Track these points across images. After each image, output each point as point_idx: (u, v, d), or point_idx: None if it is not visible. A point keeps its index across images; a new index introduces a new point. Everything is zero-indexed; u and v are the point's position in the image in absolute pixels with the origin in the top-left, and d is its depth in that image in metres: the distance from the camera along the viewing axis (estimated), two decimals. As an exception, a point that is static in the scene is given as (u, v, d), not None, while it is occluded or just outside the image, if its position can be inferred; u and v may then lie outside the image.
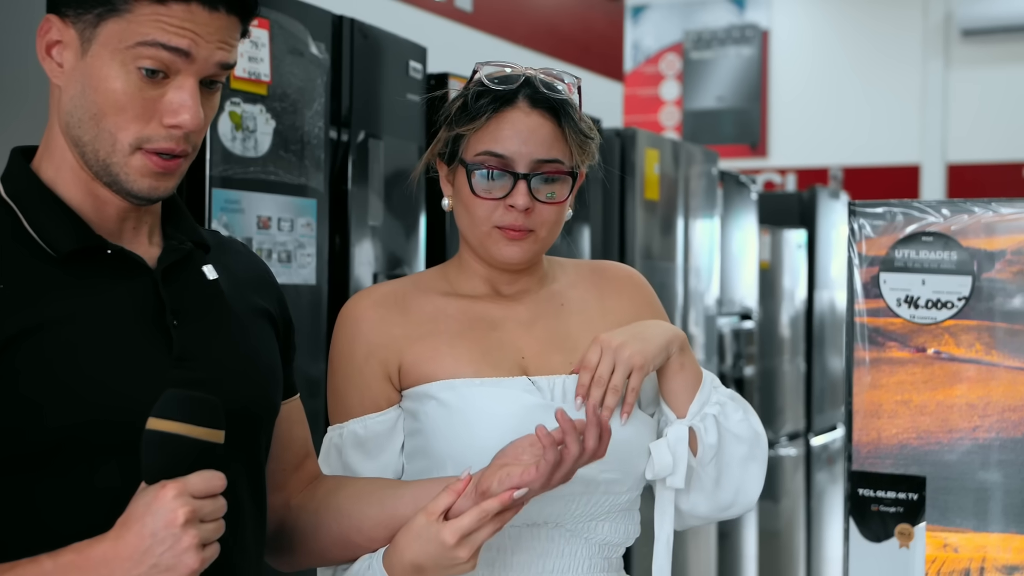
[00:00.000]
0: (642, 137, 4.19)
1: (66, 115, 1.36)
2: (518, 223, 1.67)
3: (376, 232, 2.88)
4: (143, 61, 1.32)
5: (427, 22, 4.28)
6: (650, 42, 11.01)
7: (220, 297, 1.47)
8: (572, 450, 1.45)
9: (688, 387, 1.71)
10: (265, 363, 1.52)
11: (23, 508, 1.29)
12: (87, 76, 1.33)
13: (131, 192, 1.37)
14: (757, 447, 1.74)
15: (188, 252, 1.45)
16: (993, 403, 1.54)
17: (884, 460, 1.58)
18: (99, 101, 1.33)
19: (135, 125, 1.34)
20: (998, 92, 9.58)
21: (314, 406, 2.66)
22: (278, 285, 1.64)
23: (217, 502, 1.24)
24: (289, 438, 1.63)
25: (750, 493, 1.75)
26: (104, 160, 1.35)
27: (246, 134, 2.49)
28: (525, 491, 1.45)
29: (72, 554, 1.23)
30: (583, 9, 5.55)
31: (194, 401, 1.24)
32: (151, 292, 1.39)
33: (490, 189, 1.67)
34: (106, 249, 1.37)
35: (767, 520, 5.48)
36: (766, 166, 10.17)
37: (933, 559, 1.56)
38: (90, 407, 1.29)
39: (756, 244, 5.40)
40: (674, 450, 1.68)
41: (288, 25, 2.60)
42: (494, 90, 1.68)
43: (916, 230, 1.58)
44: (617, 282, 1.83)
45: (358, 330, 1.72)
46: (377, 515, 1.57)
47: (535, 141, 1.66)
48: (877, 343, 1.59)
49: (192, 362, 1.38)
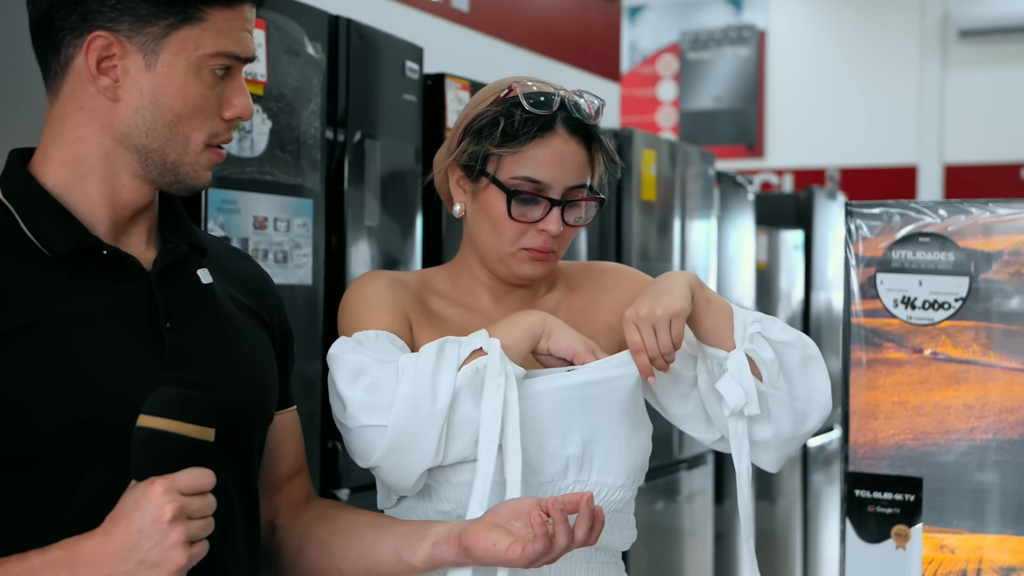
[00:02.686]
0: (639, 138, 4.19)
1: (126, 126, 1.38)
2: (547, 246, 1.71)
3: (372, 232, 2.88)
4: (216, 62, 1.38)
5: (424, 22, 4.28)
6: (647, 43, 11.01)
7: (214, 301, 1.47)
8: (560, 542, 1.45)
9: (723, 318, 1.71)
10: (259, 368, 1.52)
11: (12, 506, 1.29)
12: (159, 86, 1.36)
13: (193, 187, 1.43)
14: (808, 347, 1.75)
15: (184, 255, 1.46)
16: (990, 404, 1.54)
17: (881, 461, 1.58)
18: (176, 108, 1.37)
19: (208, 123, 1.39)
20: (995, 93, 9.59)
21: (311, 406, 2.66)
22: (278, 295, 1.64)
23: (206, 499, 1.24)
24: (281, 452, 1.62)
25: (822, 393, 1.75)
26: (174, 162, 1.40)
27: (242, 134, 2.48)
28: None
29: (61, 550, 1.23)
30: (580, 10, 5.55)
31: (184, 398, 1.24)
32: (145, 294, 1.40)
33: (524, 213, 1.69)
34: (102, 250, 1.38)
35: (763, 521, 5.48)
36: (763, 167, 10.17)
37: (930, 560, 1.56)
38: (80, 407, 1.30)
39: (753, 245, 5.40)
40: (741, 380, 1.69)
41: (284, 25, 2.60)
42: (535, 114, 1.69)
43: (913, 231, 1.58)
44: (607, 277, 1.85)
45: (380, 285, 1.73)
46: (356, 557, 1.57)
47: (571, 168, 1.70)
48: (874, 344, 1.59)
49: (184, 364, 1.38)
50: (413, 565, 1.54)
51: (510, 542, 1.45)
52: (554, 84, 1.74)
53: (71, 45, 1.37)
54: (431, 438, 1.56)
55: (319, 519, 1.62)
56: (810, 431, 1.77)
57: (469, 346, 1.60)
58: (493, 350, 1.59)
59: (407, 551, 1.53)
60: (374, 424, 1.57)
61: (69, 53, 1.37)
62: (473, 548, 1.47)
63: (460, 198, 1.75)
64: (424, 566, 1.54)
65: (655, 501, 4.20)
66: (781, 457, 1.78)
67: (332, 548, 1.58)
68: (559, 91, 1.72)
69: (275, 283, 1.67)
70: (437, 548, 1.51)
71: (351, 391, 1.58)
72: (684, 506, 4.44)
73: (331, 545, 1.58)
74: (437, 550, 1.51)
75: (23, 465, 1.29)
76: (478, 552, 1.47)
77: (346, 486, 2.73)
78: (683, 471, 4.43)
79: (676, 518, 4.39)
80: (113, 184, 1.40)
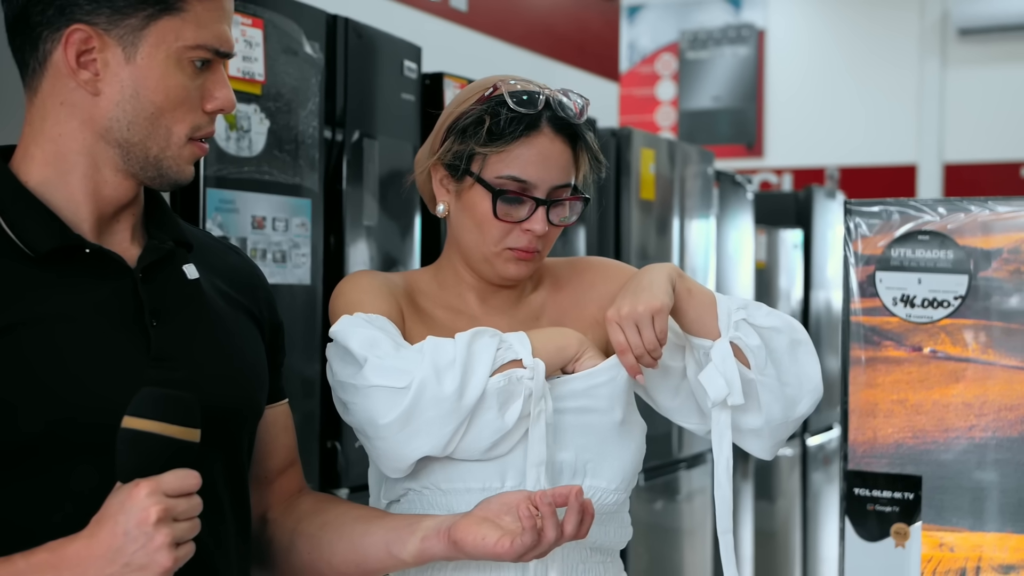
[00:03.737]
0: (638, 137, 4.18)
1: (108, 120, 1.36)
2: (532, 245, 1.70)
3: (371, 232, 2.87)
4: (196, 54, 1.37)
5: (422, 22, 4.27)
6: (646, 42, 11.01)
7: (200, 297, 1.46)
8: (549, 536, 1.45)
9: (705, 307, 1.70)
10: (249, 363, 1.51)
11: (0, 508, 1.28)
12: (140, 79, 1.35)
13: (176, 182, 1.41)
14: (795, 331, 1.71)
15: (169, 251, 1.44)
16: (989, 402, 1.54)
17: (880, 459, 1.58)
18: (158, 100, 1.36)
19: (190, 116, 1.38)
20: (995, 91, 9.58)
21: (310, 406, 2.66)
22: (268, 288, 1.63)
23: (191, 501, 1.23)
24: (273, 446, 1.61)
25: (811, 377, 1.71)
26: (156, 156, 1.38)
27: (240, 134, 2.48)
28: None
29: (46, 553, 1.22)
30: (578, 9, 5.55)
31: (169, 399, 1.23)
32: (130, 292, 1.38)
33: (509, 213, 1.68)
34: (84, 248, 1.36)
35: (763, 520, 5.48)
36: (762, 166, 10.17)
37: (929, 558, 1.55)
38: (66, 406, 1.29)
39: (752, 244, 5.39)
40: (724, 370, 1.67)
41: (282, 24, 2.59)
42: (521, 113, 1.68)
43: (912, 229, 1.58)
44: (591, 272, 1.84)
45: (375, 278, 1.73)
46: (346, 552, 1.57)
47: (556, 167, 1.69)
48: (873, 342, 1.59)
49: (171, 362, 1.37)
50: (403, 559, 1.54)
51: (499, 536, 1.45)
52: (538, 83, 1.73)
53: (49, 40, 1.35)
54: (446, 430, 1.56)
55: (310, 513, 1.61)
56: (802, 416, 1.73)
57: (509, 352, 1.60)
58: (538, 373, 1.59)
59: (396, 545, 1.53)
60: (390, 386, 1.55)
61: (47, 48, 1.35)
62: (462, 542, 1.47)
63: (444, 198, 1.74)
64: (414, 560, 1.53)
65: (654, 500, 4.20)
66: (774, 444, 1.74)
67: (322, 542, 1.58)
68: (544, 90, 1.71)
69: (273, 283, 1.65)
70: (426, 542, 1.51)
71: (371, 352, 1.57)
72: (683, 505, 4.44)
73: (321, 539, 1.58)
74: (426, 544, 1.51)
75: (10, 465, 1.27)
76: (467, 546, 1.47)
77: (345, 486, 2.72)
78: (682, 470, 4.42)
79: (675, 517, 4.39)
80: (96, 180, 1.39)
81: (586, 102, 1.74)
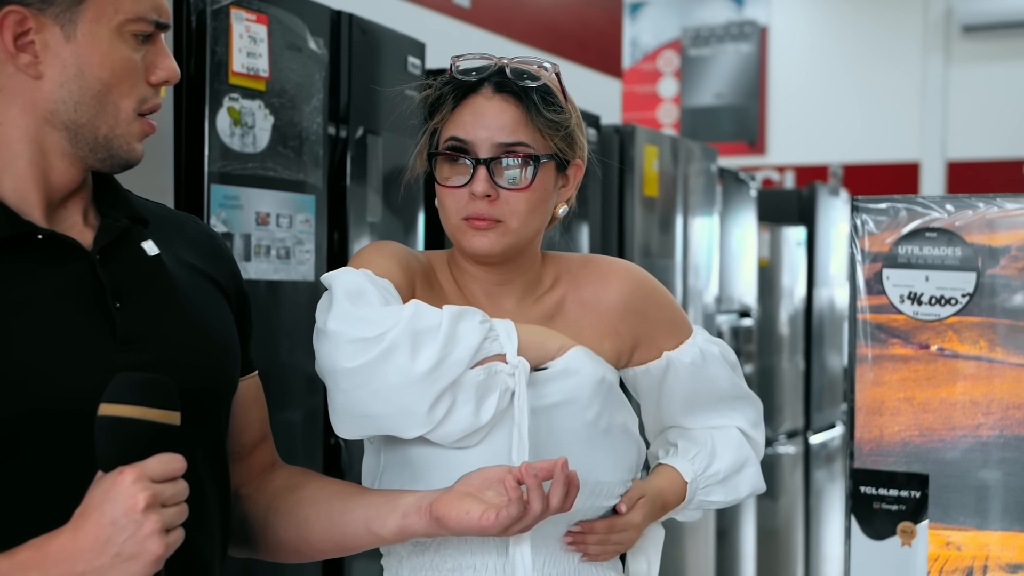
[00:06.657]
0: (641, 133, 4.18)
1: (53, 103, 1.32)
2: (483, 212, 1.62)
3: (375, 228, 2.87)
4: (137, 27, 1.34)
5: (426, 18, 4.27)
6: (648, 39, 10.99)
7: (163, 273, 1.41)
8: (534, 508, 1.42)
9: (676, 499, 1.77)
10: (220, 336, 1.46)
11: None
12: (83, 56, 1.31)
13: (127, 162, 1.37)
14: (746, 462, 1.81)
15: (125, 229, 1.40)
16: (996, 400, 1.53)
17: (886, 458, 1.57)
18: (104, 76, 1.32)
19: (135, 90, 1.35)
20: (999, 89, 9.57)
21: (313, 403, 2.65)
22: (231, 257, 1.59)
23: (178, 485, 1.20)
24: (245, 420, 1.57)
25: (754, 485, 1.83)
26: (106, 135, 1.35)
27: (244, 130, 2.48)
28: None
29: (30, 551, 1.19)
30: (581, 5, 5.54)
31: (146, 383, 1.20)
32: (89, 275, 1.34)
33: (452, 177, 1.63)
34: (37, 235, 1.32)
35: (765, 518, 5.48)
36: (765, 163, 10.15)
37: (935, 557, 1.55)
38: (31, 397, 1.24)
39: (755, 241, 5.39)
40: (650, 556, 1.75)
41: (286, 20, 2.59)
42: (458, 79, 1.65)
43: (919, 226, 1.57)
44: (601, 277, 1.76)
45: (398, 247, 1.69)
46: (324, 529, 1.54)
47: (496, 125, 1.62)
48: (880, 340, 1.58)
49: (139, 344, 1.33)
50: (383, 536, 1.51)
51: (483, 509, 1.43)
52: (501, 57, 1.67)
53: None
54: (417, 406, 1.50)
55: (285, 489, 1.58)
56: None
57: (494, 344, 1.54)
58: (521, 373, 1.54)
59: (376, 522, 1.50)
60: (358, 335, 1.49)
61: None
62: (445, 518, 1.44)
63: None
64: (394, 537, 1.50)
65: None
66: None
67: (299, 519, 1.54)
68: (499, 61, 1.65)
69: (277, 279, 1.63)
70: (407, 519, 1.48)
71: (352, 300, 1.53)
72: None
73: (297, 516, 1.55)
74: (407, 521, 1.48)
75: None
76: (450, 522, 1.44)
77: (348, 483, 2.72)
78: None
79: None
80: (43, 168, 1.34)
81: (554, 67, 1.68)
